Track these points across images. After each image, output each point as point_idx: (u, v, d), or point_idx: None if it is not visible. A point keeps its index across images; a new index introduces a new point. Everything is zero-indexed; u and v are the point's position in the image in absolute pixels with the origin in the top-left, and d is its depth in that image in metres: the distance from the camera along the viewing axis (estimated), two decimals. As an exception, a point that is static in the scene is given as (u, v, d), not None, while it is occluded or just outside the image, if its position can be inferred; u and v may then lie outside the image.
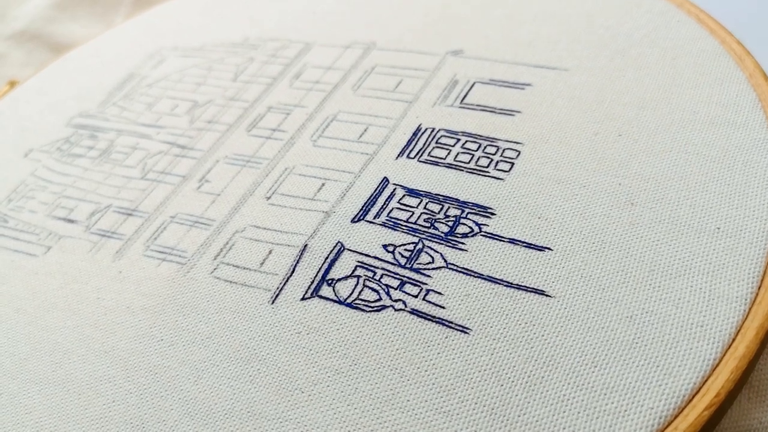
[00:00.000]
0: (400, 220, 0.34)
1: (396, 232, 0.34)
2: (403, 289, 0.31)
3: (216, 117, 0.44)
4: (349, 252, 0.33)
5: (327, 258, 0.33)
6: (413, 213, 0.34)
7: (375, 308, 0.31)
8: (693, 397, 0.26)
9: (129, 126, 0.46)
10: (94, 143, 0.45)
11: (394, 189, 0.36)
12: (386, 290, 0.31)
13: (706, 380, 0.26)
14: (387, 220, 0.34)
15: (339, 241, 0.34)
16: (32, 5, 0.68)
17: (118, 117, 0.47)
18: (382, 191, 0.36)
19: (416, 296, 0.31)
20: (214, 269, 0.34)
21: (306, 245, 0.34)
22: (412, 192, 0.35)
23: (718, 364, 0.27)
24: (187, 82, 0.48)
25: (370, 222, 0.34)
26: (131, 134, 0.45)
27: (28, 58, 0.64)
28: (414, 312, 0.30)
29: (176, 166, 0.41)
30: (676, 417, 0.26)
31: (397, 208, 0.35)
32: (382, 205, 0.35)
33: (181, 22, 0.55)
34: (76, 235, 0.39)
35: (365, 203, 0.35)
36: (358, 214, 0.35)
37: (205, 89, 0.47)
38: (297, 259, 0.33)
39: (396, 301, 0.31)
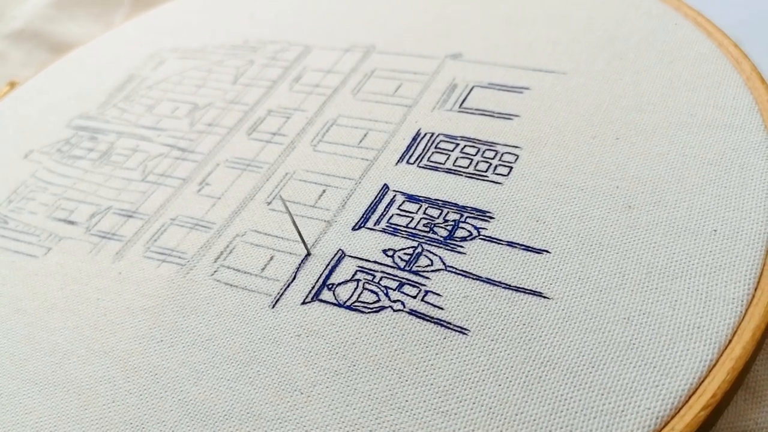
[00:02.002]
0: (400, 225, 0.34)
1: (396, 237, 0.34)
2: (401, 290, 0.31)
3: (216, 120, 0.44)
4: (349, 258, 0.33)
5: (328, 265, 0.33)
6: (413, 218, 0.35)
7: (374, 309, 0.31)
8: (690, 397, 0.26)
9: (129, 128, 0.46)
10: (94, 145, 0.45)
11: (394, 195, 0.36)
12: (385, 291, 0.31)
13: (702, 381, 0.26)
14: (387, 226, 0.34)
15: (340, 249, 0.34)
16: (31, 4, 0.68)
17: (119, 119, 0.47)
18: (382, 198, 0.36)
19: (415, 297, 0.31)
20: (215, 272, 0.35)
21: (308, 253, 0.34)
22: (411, 198, 0.36)
23: (714, 365, 0.27)
24: (187, 84, 0.48)
25: (371, 229, 0.35)
26: (131, 136, 0.45)
27: (27, 58, 0.65)
28: (412, 312, 0.30)
29: (176, 169, 0.41)
30: (672, 417, 0.26)
31: (397, 214, 0.35)
32: (383, 212, 0.35)
33: (181, 24, 0.55)
34: (77, 236, 0.39)
35: (366, 211, 0.35)
36: (358, 221, 0.35)
37: (205, 92, 0.47)
38: (298, 266, 0.34)
39: (395, 301, 0.31)
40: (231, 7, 0.55)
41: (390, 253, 0.33)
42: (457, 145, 0.38)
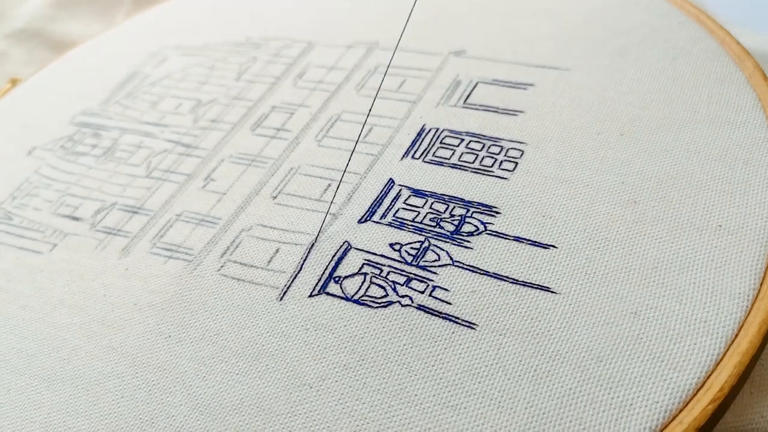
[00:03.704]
0: (407, 220, 0.35)
1: (402, 231, 0.34)
2: (409, 285, 0.32)
3: (220, 116, 0.44)
4: (356, 251, 0.34)
5: (334, 256, 0.33)
6: (419, 213, 0.35)
7: (382, 304, 0.31)
8: (697, 391, 0.26)
9: (133, 124, 0.46)
10: (97, 141, 0.45)
11: (400, 190, 0.36)
12: (393, 286, 0.32)
13: (709, 375, 0.27)
14: (393, 220, 0.35)
15: (346, 241, 0.34)
16: (32, 4, 0.68)
17: (122, 115, 0.47)
18: (388, 192, 0.36)
19: (423, 292, 0.31)
20: (221, 267, 0.35)
21: (313, 244, 0.34)
22: (417, 192, 0.36)
23: (721, 359, 0.27)
24: (190, 80, 0.48)
25: (377, 222, 0.35)
26: (135, 133, 0.45)
27: (29, 57, 0.64)
28: (420, 307, 0.31)
29: (181, 165, 0.41)
30: (681, 411, 0.26)
31: (403, 208, 0.35)
32: (389, 206, 0.35)
33: (183, 21, 0.55)
34: (82, 232, 0.39)
35: (372, 204, 0.36)
36: (364, 215, 0.35)
37: (208, 88, 0.47)
38: (304, 257, 0.34)
39: (403, 296, 0.31)
40: (233, 4, 0.55)
41: (397, 247, 0.33)
42: (462, 140, 0.38)
